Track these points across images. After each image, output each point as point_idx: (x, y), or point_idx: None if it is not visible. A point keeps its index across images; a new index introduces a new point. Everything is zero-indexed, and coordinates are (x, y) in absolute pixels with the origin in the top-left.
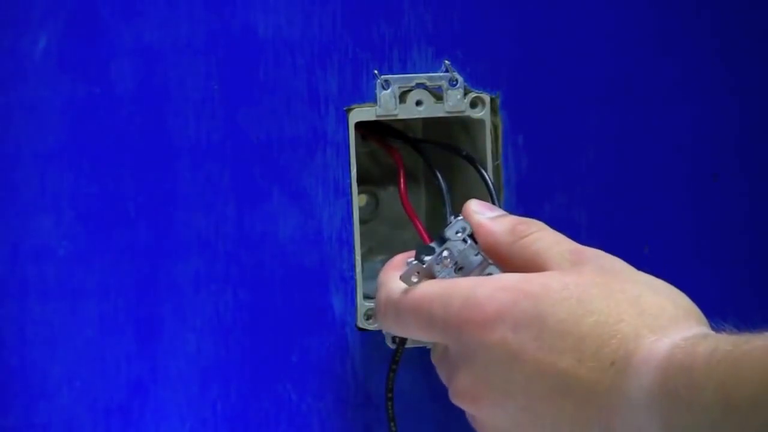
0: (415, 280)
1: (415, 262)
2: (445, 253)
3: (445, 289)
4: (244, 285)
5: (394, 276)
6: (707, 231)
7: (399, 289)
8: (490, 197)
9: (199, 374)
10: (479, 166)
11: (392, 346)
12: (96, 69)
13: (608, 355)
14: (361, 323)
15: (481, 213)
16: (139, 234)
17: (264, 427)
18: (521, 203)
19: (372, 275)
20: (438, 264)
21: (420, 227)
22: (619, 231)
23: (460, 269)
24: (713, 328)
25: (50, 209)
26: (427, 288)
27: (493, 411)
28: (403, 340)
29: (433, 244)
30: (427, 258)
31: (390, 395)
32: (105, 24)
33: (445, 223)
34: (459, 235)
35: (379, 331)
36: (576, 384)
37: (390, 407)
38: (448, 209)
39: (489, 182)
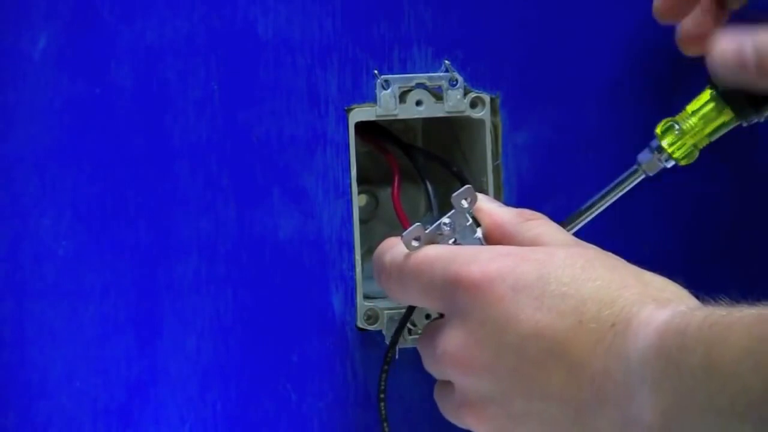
0: (415, 244)
1: (418, 224)
2: (446, 220)
3: (449, 252)
4: (244, 285)
5: (399, 241)
6: (707, 230)
7: (404, 252)
8: None
9: (199, 374)
10: (469, 183)
11: None
12: (96, 69)
13: (609, 318)
14: (361, 323)
15: (488, 201)
16: (139, 234)
17: (264, 427)
18: (521, 203)
19: (372, 275)
20: (439, 233)
21: None
22: (619, 231)
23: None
24: None
25: (50, 209)
26: (431, 250)
27: (480, 375)
28: (395, 342)
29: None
30: (429, 225)
31: (382, 396)
32: (105, 24)
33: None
34: (465, 203)
35: (379, 331)
36: (574, 345)
37: (383, 408)
38: (436, 213)
39: None
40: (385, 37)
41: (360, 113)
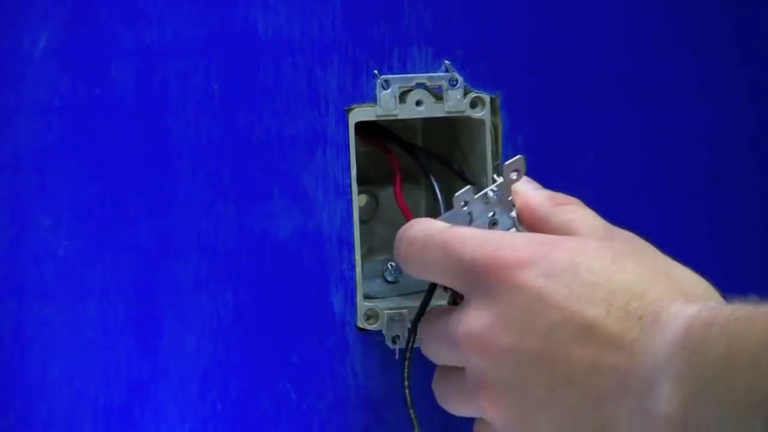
0: (465, 208)
1: (469, 187)
2: (494, 188)
3: (483, 233)
4: (244, 285)
5: (428, 220)
6: (707, 231)
7: (440, 225)
8: None
9: (199, 374)
10: (470, 181)
11: (392, 346)
12: (96, 69)
13: (637, 310)
14: (361, 323)
15: (525, 182)
16: (139, 234)
17: (264, 427)
18: None
19: (372, 275)
20: (486, 202)
21: None
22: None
23: (494, 224)
24: None
25: (50, 209)
26: (466, 229)
27: (503, 358)
28: (416, 327)
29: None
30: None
31: (407, 383)
32: (105, 24)
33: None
34: (514, 175)
35: (379, 331)
36: (600, 334)
37: (408, 394)
38: (442, 207)
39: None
40: (385, 37)
41: (360, 113)
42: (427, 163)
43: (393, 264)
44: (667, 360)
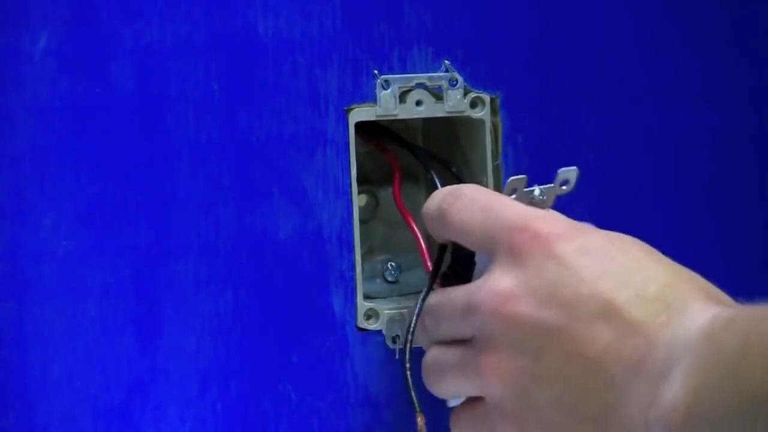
0: (512, 196)
1: (524, 176)
2: (543, 188)
3: (527, 207)
4: (244, 285)
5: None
6: (707, 232)
7: (490, 190)
8: None
9: (199, 374)
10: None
11: (392, 346)
12: (96, 69)
13: (665, 299)
14: (361, 323)
15: None
16: (139, 234)
17: (264, 427)
18: None
19: (372, 275)
20: (530, 199)
21: (414, 228)
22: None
23: None
24: None
25: (50, 209)
26: (512, 200)
27: (522, 324)
28: (423, 304)
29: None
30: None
31: (408, 365)
32: (105, 24)
33: None
34: (564, 188)
35: (379, 331)
36: (626, 316)
37: (409, 377)
38: None
39: None
40: (385, 37)
41: (360, 113)
42: (429, 163)
43: (393, 264)
44: (686, 349)
